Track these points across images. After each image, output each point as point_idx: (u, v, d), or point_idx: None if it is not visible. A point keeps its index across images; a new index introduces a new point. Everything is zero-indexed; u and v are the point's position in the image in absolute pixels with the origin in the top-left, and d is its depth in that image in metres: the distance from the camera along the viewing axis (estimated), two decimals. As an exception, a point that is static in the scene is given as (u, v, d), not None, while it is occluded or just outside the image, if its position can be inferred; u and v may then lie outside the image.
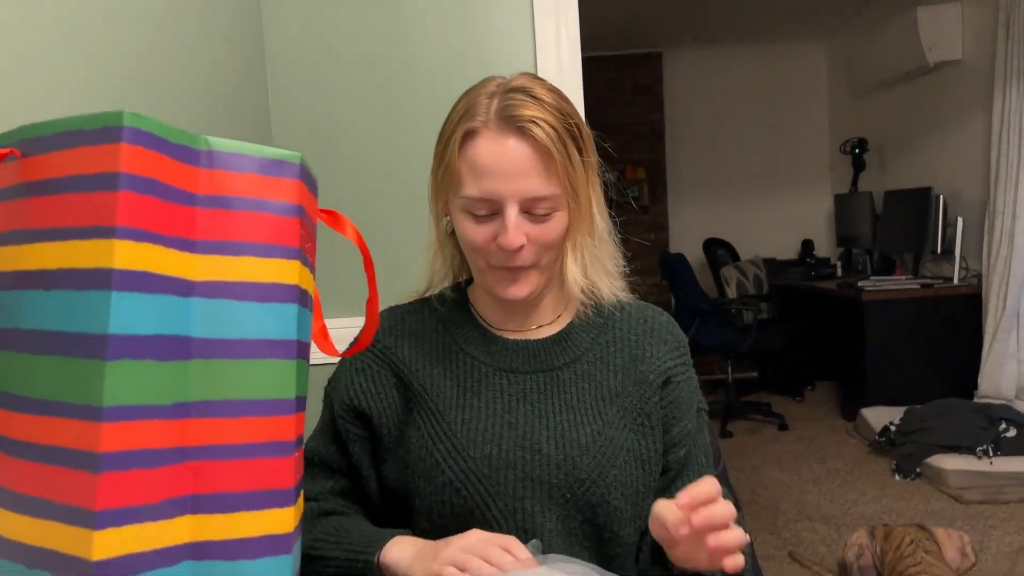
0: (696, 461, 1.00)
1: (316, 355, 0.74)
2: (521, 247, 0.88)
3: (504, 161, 0.86)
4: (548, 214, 0.89)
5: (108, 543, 0.50)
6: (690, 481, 0.79)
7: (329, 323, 0.76)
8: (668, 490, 0.95)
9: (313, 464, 0.99)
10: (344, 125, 1.76)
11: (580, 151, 0.89)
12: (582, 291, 0.96)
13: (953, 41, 4.41)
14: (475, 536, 0.82)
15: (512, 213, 0.87)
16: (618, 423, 0.94)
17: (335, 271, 1.44)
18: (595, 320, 1.01)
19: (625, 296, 1.02)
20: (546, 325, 1.01)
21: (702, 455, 1.01)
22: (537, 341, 0.99)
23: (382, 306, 1.05)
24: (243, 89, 1.61)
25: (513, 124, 0.86)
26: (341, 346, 0.77)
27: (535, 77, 0.92)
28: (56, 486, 0.51)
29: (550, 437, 0.92)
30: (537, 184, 0.86)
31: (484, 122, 0.87)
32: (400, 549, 0.86)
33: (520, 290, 0.92)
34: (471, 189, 0.88)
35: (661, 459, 0.97)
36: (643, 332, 1.01)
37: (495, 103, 0.87)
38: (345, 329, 1.11)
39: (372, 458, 0.98)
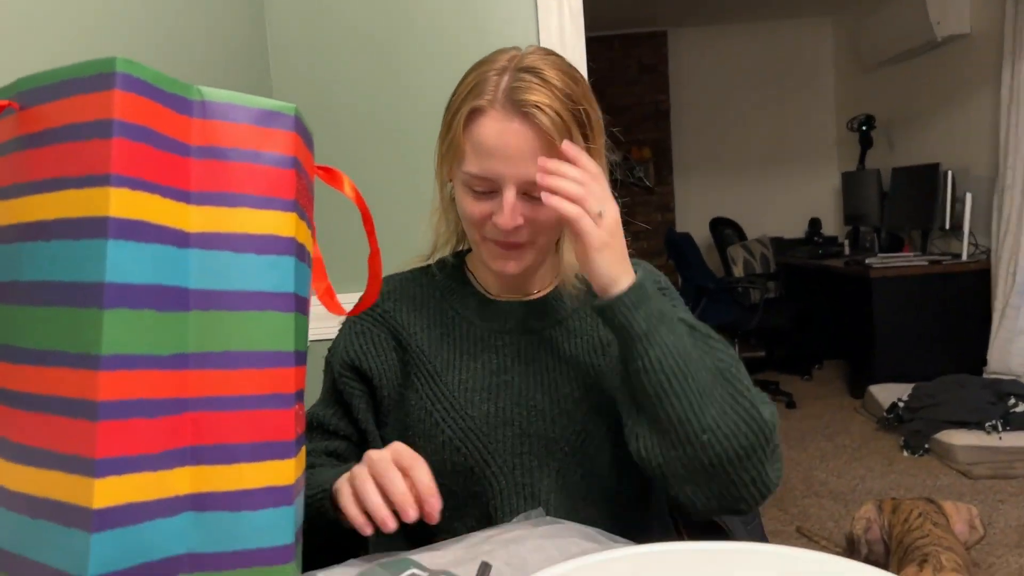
0: None
1: (315, 330, 0.73)
2: (516, 227, 0.88)
3: (506, 144, 0.85)
4: None
5: (109, 491, 0.50)
6: None
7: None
8: None
9: (311, 427, 0.99)
10: (344, 91, 1.76)
11: (586, 137, 0.88)
12: (576, 276, 0.98)
13: (961, 15, 4.36)
14: (389, 451, 0.76)
15: (510, 195, 0.87)
16: (610, 372, 0.95)
17: (335, 247, 1.44)
18: (583, 287, 1.01)
19: None
20: (543, 289, 1.03)
21: None
22: (529, 302, 1.01)
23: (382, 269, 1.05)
24: (243, 52, 1.60)
25: (518, 108, 0.85)
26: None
27: (548, 54, 0.90)
28: (57, 435, 0.51)
29: (545, 393, 0.94)
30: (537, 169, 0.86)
31: (491, 101, 0.86)
32: (344, 477, 0.80)
33: (513, 267, 0.93)
34: (472, 166, 0.88)
35: None
36: None
37: (504, 81, 0.86)
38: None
39: (375, 416, 0.99)
